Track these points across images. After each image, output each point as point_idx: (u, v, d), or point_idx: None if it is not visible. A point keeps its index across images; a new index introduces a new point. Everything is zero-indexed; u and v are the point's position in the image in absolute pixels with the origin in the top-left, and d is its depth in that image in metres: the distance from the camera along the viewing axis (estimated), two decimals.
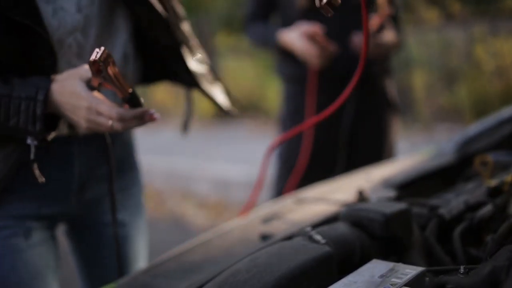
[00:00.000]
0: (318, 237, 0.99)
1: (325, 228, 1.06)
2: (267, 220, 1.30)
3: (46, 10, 1.10)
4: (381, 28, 2.08)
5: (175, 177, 5.26)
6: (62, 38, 1.14)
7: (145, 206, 1.47)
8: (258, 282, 0.85)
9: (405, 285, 0.80)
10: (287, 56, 2.21)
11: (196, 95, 1.44)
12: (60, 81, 1.06)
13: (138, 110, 1.04)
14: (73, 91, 1.03)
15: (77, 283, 1.45)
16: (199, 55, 1.39)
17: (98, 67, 0.98)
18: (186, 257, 1.17)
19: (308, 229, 1.04)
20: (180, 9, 1.36)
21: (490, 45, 5.11)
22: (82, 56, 1.17)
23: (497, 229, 1.02)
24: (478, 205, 1.16)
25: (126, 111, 1.03)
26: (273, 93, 6.11)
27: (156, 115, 1.06)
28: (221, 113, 1.41)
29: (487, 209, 1.13)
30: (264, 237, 1.19)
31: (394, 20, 2.24)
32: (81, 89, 1.04)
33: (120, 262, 1.31)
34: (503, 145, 1.58)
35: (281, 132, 2.36)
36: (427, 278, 0.85)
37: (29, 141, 1.09)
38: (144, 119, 1.05)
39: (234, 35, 7.74)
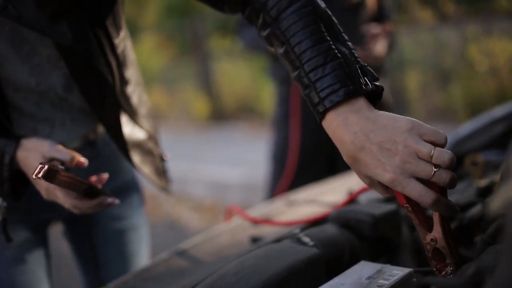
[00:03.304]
0: (306, 239, 0.98)
1: (313, 230, 1.05)
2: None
3: (22, 70, 1.08)
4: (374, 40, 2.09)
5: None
6: (43, 92, 1.12)
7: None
8: (246, 284, 0.85)
9: (392, 286, 0.80)
10: (278, 60, 2.21)
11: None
12: (25, 150, 1.04)
13: (94, 202, 1.06)
14: (34, 167, 1.01)
15: (76, 285, 1.44)
16: (145, 123, 1.31)
17: (45, 179, 0.96)
18: (176, 261, 1.17)
19: (297, 231, 1.04)
20: (134, 74, 1.27)
21: (484, 45, 5.11)
22: (63, 108, 1.17)
23: (487, 229, 1.01)
24: (468, 205, 1.16)
25: (82, 202, 1.04)
26: (268, 95, 6.11)
27: (116, 201, 1.08)
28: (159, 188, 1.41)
29: (477, 209, 1.12)
30: (254, 240, 1.18)
31: (384, 18, 2.25)
32: None
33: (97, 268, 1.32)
34: (494, 145, 1.58)
35: (274, 134, 2.36)
36: (415, 279, 0.84)
37: None
38: (102, 206, 1.08)
39: (229, 38, 7.74)
